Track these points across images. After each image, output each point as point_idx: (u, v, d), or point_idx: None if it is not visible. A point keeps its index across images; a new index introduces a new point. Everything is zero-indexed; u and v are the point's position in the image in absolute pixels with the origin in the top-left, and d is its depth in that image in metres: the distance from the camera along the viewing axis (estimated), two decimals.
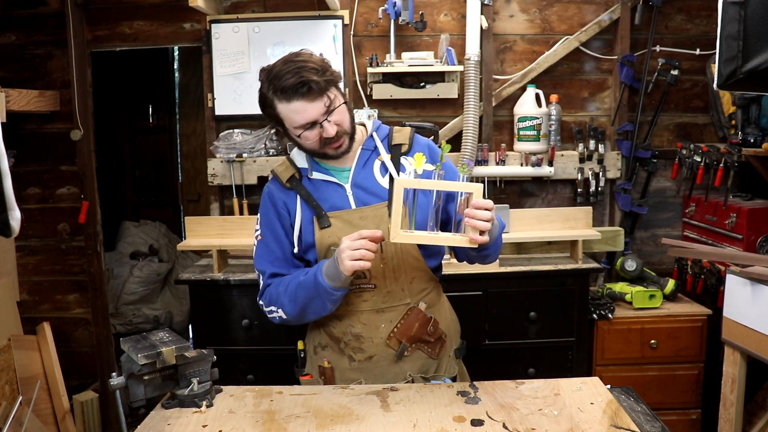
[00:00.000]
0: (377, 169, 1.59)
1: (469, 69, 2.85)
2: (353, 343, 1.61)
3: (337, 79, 1.49)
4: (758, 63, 1.49)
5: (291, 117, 1.47)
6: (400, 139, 1.62)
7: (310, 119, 1.46)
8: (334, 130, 1.48)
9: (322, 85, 1.43)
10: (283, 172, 1.62)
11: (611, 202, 3.08)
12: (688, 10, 3.00)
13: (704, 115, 3.06)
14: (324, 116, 1.46)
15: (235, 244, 2.66)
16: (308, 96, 1.43)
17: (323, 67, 1.45)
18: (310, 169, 1.60)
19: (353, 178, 1.58)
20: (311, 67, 1.43)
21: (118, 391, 1.40)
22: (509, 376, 1.64)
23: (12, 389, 2.41)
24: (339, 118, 1.49)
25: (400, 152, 1.60)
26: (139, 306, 4.05)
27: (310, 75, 1.42)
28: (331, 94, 1.46)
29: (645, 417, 1.50)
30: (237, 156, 2.90)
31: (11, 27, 3.01)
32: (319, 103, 1.45)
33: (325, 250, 1.58)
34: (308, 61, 1.45)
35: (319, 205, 1.57)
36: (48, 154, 3.09)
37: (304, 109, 1.45)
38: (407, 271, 1.58)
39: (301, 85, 1.41)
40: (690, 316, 2.69)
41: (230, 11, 2.98)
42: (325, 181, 1.59)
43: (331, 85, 1.47)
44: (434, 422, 1.35)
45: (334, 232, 1.56)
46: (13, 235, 1.21)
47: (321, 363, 1.65)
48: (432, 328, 1.61)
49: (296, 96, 1.43)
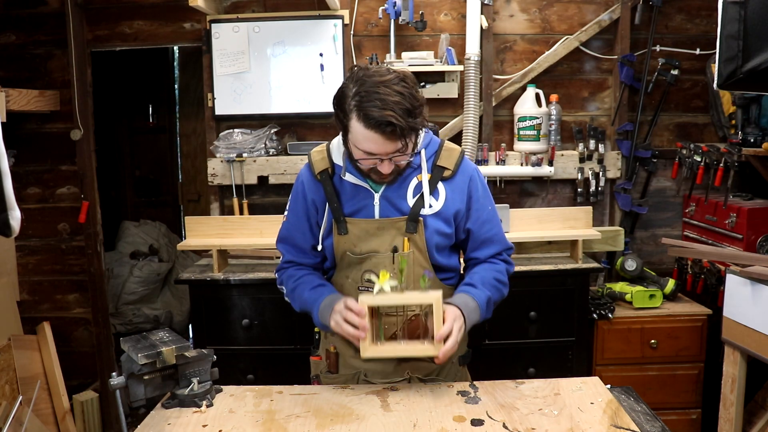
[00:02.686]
0: (412, 187, 1.58)
1: (469, 69, 2.85)
2: None
3: (419, 125, 1.45)
4: (758, 63, 1.49)
5: (360, 140, 1.43)
6: (446, 162, 1.59)
7: (375, 152, 1.44)
8: (390, 170, 1.48)
9: (404, 131, 1.40)
10: (318, 162, 1.61)
11: (611, 202, 3.08)
12: (688, 10, 3.00)
13: (704, 114, 3.06)
14: (390, 155, 1.45)
15: (235, 244, 2.66)
16: (387, 135, 1.40)
17: (413, 110, 1.41)
18: (344, 169, 1.57)
19: (385, 190, 1.57)
20: (403, 107, 1.38)
21: (118, 390, 1.40)
22: (509, 376, 1.64)
23: (12, 389, 2.41)
24: (402, 161, 1.48)
25: (442, 176, 1.58)
26: (139, 306, 4.05)
27: (398, 117, 1.37)
28: (409, 140, 1.44)
29: (645, 417, 1.50)
30: (237, 156, 2.90)
31: (11, 27, 3.01)
32: (393, 145, 1.43)
33: (340, 254, 1.61)
34: (405, 97, 1.39)
35: (339, 209, 1.57)
36: (48, 154, 3.09)
37: (377, 143, 1.42)
38: (416, 281, 1.58)
39: (387, 124, 1.38)
40: (690, 315, 2.69)
41: (230, 11, 2.98)
42: (355, 185, 1.58)
43: (413, 132, 1.44)
44: (434, 422, 1.35)
45: (350, 239, 1.58)
46: (13, 234, 1.21)
47: (328, 347, 1.68)
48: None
49: (377, 129, 1.39)
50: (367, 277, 1.58)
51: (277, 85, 2.95)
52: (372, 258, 1.58)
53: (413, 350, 1.47)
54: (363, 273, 1.59)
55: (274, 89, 2.95)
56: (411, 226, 1.56)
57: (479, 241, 1.65)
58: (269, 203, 3.05)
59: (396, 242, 1.56)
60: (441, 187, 1.59)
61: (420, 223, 1.56)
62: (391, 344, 1.49)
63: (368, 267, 1.59)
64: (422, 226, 1.57)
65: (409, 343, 1.48)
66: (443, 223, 1.58)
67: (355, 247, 1.58)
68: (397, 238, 1.56)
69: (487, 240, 1.65)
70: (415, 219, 1.56)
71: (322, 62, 2.92)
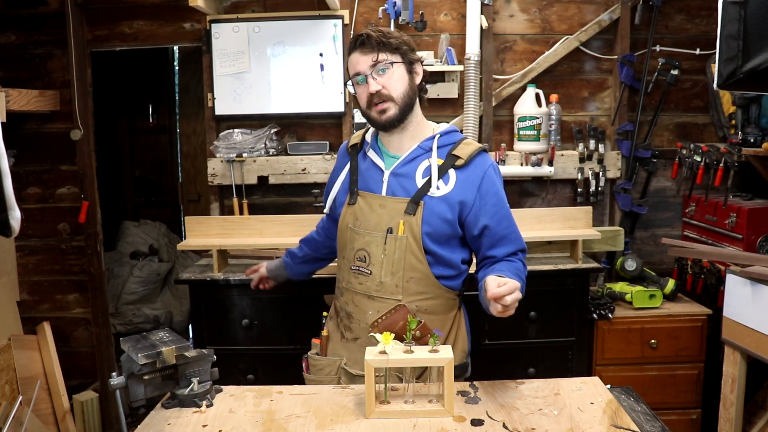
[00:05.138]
0: (422, 168, 1.62)
1: (469, 69, 2.85)
2: (345, 321, 1.69)
3: (396, 46, 1.59)
4: (758, 63, 1.49)
5: (349, 68, 1.62)
6: (462, 152, 1.62)
7: (357, 70, 1.59)
8: (377, 89, 1.57)
9: (374, 43, 1.56)
10: (355, 137, 1.77)
11: (611, 202, 3.08)
12: (688, 10, 3.00)
13: (704, 115, 3.06)
14: (371, 69, 1.57)
15: (235, 244, 2.66)
16: (361, 48, 1.58)
17: (391, 36, 1.59)
18: (369, 145, 1.70)
19: (395, 168, 1.64)
20: (381, 30, 1.60)
21: (118, 390, 1.40)
22: (509, 376, 1.64)
23: (12, 389, 2.41)
24: (386, 81, 1.58)
25: (454, 164, 1.61)
26: (139, 306, 4.05)
27: (373, 31, 1.58)
28: (384, 55, 1.57)
29: (645, 417, 1.50)
30: (237, 156, 2.90)
31: (11, 27, 3.01)
32: (368, 57, 1.57)
33: (343, 228, 1.68)
34: (384, 30, 1.61)
35: (356, 181, 1.67)
36: (48, 153, 3.09)
37: (357, 60, 1.59)
38: (406, 269, 1.59)
39: (359, 37, 1.58)
40: (690, 316, 2.69)
41: (230, 11, 2.98)
42: (373, 161, 1.67)
43: (387, 49, 1.57)
44: (434, 422, 1.35)
45: (355, 211, 1.65)
46: (14, 234, 1.21)
47: (323, 331, 1.74)
48: (418, 333, 1.59)
49: (355, 48, 1.60)
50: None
51: (277, 85, 2.95)
52: (366, 236, 1.61)
53: (422, 411, 1.38)
54: (356, 252, 1.64)
55: (274, 89, 2.95)
56: (411, 207, 1.58)
57: (497, 238, 1.62)
58: (269, 203, 3.05)
59: (392, 224, 1.59)
60: (452, 174, 1.61)
61: (420, 206, 1.58)
62: (398, 404, 1.41)
63: (360, 246, 1.62)
64: (422, 209, 1.58)
65: (417, 403, 1.41)
66: (447, 207, 1.59)
67: (357, 220, 1.64)
68: (395, 219, 1.59)
69: (504, 237, 1.63)
70: (417, 201, 1.58)
71: (322, 62, 2.93)
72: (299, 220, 2.65)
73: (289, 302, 2.53)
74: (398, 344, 1.42)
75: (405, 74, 1.61)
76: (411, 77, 1.62)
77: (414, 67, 1.63)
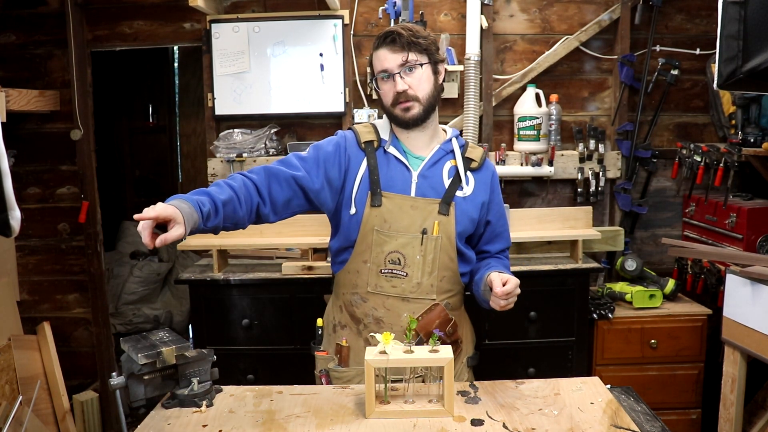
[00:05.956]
0: (446, 170, 1.65)
1: (469, 69, 2.85)
2: (372, 327, 1.64)
3: (425, 47, 1.59)
4: (758, 63, 1.49)
5: (375, 63, 1.62)
6: (473, 155, 1.69)
7: (385, 67, 1.58)
8: (404, 88, 1.58)
9: (405, 42, 1.56)
10: (365, 133, 1.68)
11: (611, 202, 3.08)
12: (688, 10, 3.00)
13: (704, 114, 3.06)
14: (399, 68, 1.57)
15: (235, 244, 2.66)
16: (391, 46, 1.58)
17: (420, 35, 1.58)
18: (389, 142, 1.67)
19: (423, 169, 1.64)
20: (411, 29, 1.59)
21: (118, 391, 1.40)
22: (509, 376, 1.64)
23: (12, 389, 2.41)
24: (414, 81, 1.59)
25: (470, 166, 1.68)
26: (139, 306, 4.05)
27: (401, 30, 1.57)
28: (413, 55, 1.57)
29: (645, 417, 1.50)
30: (237, 156, 2.90)
31: (11, 27, 3.01)
32: (398, 56, 1.57)
33: (366, 231, 1.62)
34: (414, 28, 1.60)
35: (378, 182, 1.62)
36: (48, 153, 3.09)
37: (385, 57, 1.59)
38: (440, 268, 1.62)
39: (390, 34, 1.58)
40: (690, 315, 2.69)
41: (230, 11, 2.98)
42: (397, 159, 1.65)
43: (417, 49, 1.58)
44: (434, 422, 1.35)
45: (382, 213, 1.60)
46: (13, 234, 1.21)
47: (339, 341, 1.68)
48: (451, 330, 1.64)
49: (383, 45, 1.59)
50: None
51: (277, 85, 2.95)
52: (399, 238, 1.59)
53: (421, 411, 1.38)
54: (387, 255, 1.60)
55: (274, 89, 2.95)
56: (444, 207, 1.61)
57: (495, 234, 1.74)
58: None
59: (426, 224, 1.60)
60: (470, 176, 1.67)
61: (452, 206, 1.62)
62: (398, 404, 1.41)
63: (393, 248, 1.60)
64: (454, 209, 1.62)
65: (417, 403, 1.41)
66: (473, 207, 1.66)
67: (385, 222, 1.60)
68: (428, 220, 1.60)
69: (500, 234, 1.75)
70: (449, 201, 1.61)
71: (322, 62, 2.92)
72: (299, 220, 2.65)
73: (289, 302, 2.53)
74: (398, 344, 1.42)
75: (431, 75, 1.62)
76: (436, 78, 1.64)
77: (438, 67, 1.65)
